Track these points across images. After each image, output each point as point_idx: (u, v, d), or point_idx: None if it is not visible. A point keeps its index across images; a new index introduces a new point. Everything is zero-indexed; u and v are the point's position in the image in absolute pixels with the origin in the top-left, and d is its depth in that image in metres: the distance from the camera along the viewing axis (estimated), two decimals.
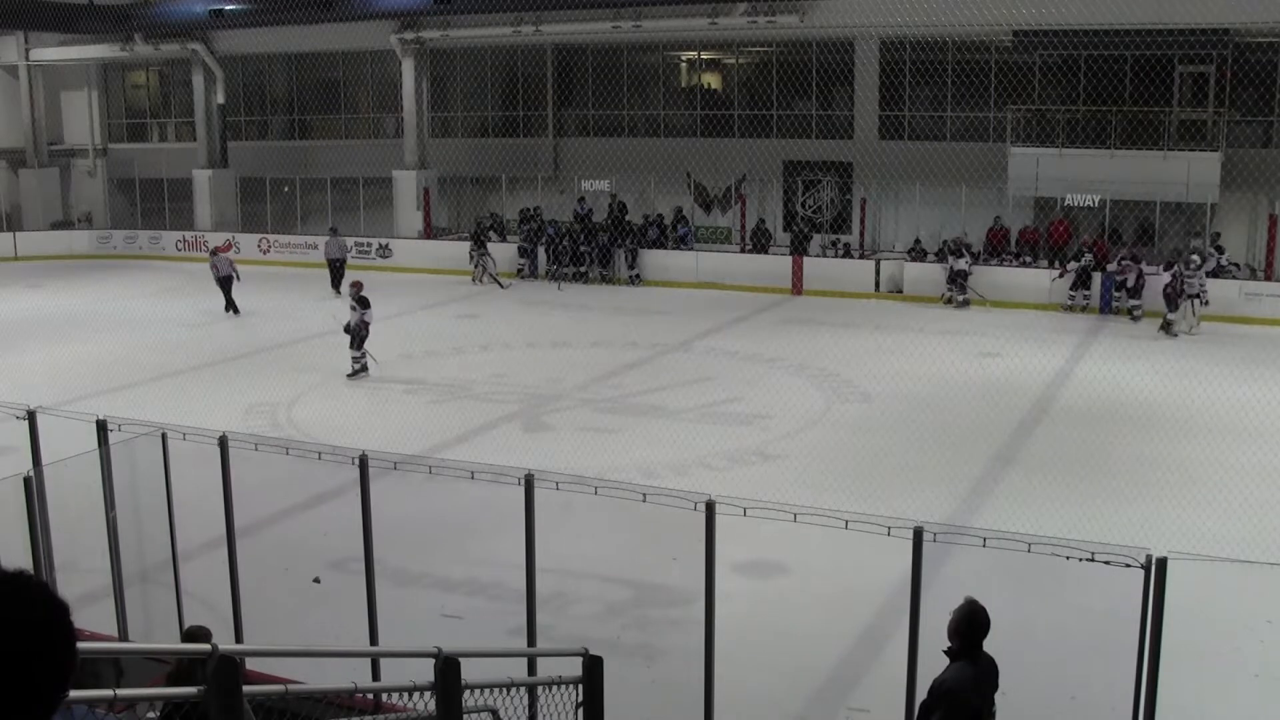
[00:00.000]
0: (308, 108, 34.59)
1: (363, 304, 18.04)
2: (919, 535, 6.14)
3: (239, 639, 7.89)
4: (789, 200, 28.54)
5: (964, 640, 5.49)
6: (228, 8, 29.26)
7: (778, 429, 14.98)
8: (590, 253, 27.42)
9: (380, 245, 29.81)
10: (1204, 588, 8.22)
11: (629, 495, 6.76)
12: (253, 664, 5.91)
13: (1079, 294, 22.92)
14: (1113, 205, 24.39)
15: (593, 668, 5.95)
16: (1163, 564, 5.71)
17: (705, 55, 30.06)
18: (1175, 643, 6.07)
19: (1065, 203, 24.67)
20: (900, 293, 24.84)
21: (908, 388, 16.82)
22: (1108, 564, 5.78)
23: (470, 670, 4.67)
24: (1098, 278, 22.95)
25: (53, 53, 33.85)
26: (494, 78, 32.20)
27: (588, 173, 29.02)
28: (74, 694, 2.37)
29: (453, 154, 31.20)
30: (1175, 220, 24.39)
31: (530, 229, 28.49)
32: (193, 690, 3.54)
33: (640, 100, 30.56)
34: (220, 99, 33.27)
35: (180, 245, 31.94)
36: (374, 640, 7.55)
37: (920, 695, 5.75)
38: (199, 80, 32.95)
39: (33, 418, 8.44)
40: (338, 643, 8.26)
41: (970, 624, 5.49)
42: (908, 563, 6.26)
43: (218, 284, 23.61)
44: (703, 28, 27.23)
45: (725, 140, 28.86)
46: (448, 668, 4.46)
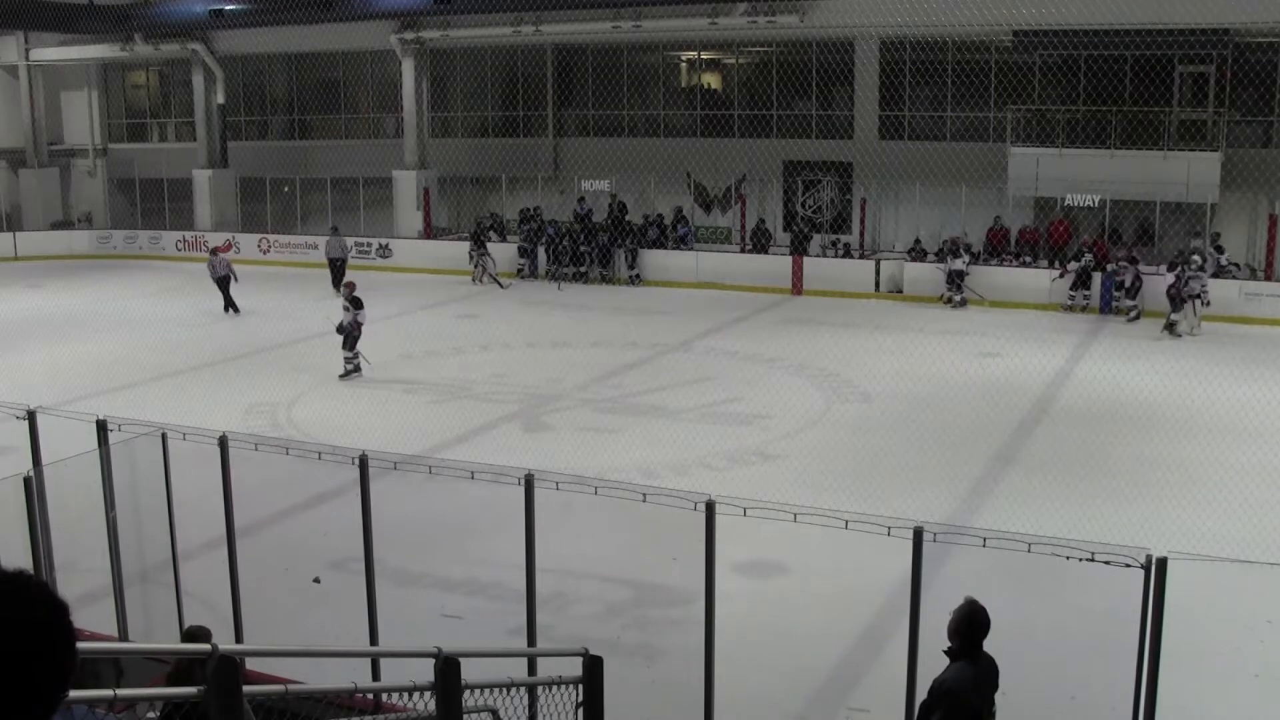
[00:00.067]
0: (308, 108, 34.59)
1: (356, 305, 18.01)
2: (919, 535, 6.15)
3: (239, 639, 7.89)
4: (789, 200, 28.54)
5: (964, 640, 5.49)
6: (228, 8, 29.25)
7: (778, 429, 14.99)
8: (590, 253, 27.41)
9: (380, 245, 29.80)
10: (1204, 588, 8.23)
11: (629, 495, 6.76)
12: (253, 664, 5.90)
13: (1079, 294, 22.93)
14: (1113, 205, 24.39)
15: (593, 668, 5.95)
16: (1163, 564, 5.71)
17: (705, 55, 30.05)
18: (1175, 643, 6.07)
19: (1065, 203, 24.67)
20: (900, 293, 24.84)
21: (908, 388, 16.82)
22: (1108, 564, 5.78)
23: (470, 670, 4.67)
24: (1098, 278, 22.95)
25: (53, 53, 33.85)
26: (494, 78, 32.20)
27: (588, 173, 29.01)
28: (74, 694, 2.37)
29: (453, 154, 31.19)
30: (1175, 220, 24.37)
31: (530, 229, 28.47)
32: (193, 690, 3.54)
33: (640, 100, 30.55)
34: (220, 99, 33.27)
35: (180, 245, 31.93)
36: (374, 640, 7.55)
37: (920, 695, 5.75)
38: (199, 80, 32.95)
39: (33, 418, 8.45)
40: (338, 643, 8.26)
41: (970, 624, 5.49)
42: (908, 563, 6.27)
43: (215, 284, 23.68)
44: (703, 28, 27.23)
45: (725, 140, 28.85)
46: (448, 668, 4.46)
